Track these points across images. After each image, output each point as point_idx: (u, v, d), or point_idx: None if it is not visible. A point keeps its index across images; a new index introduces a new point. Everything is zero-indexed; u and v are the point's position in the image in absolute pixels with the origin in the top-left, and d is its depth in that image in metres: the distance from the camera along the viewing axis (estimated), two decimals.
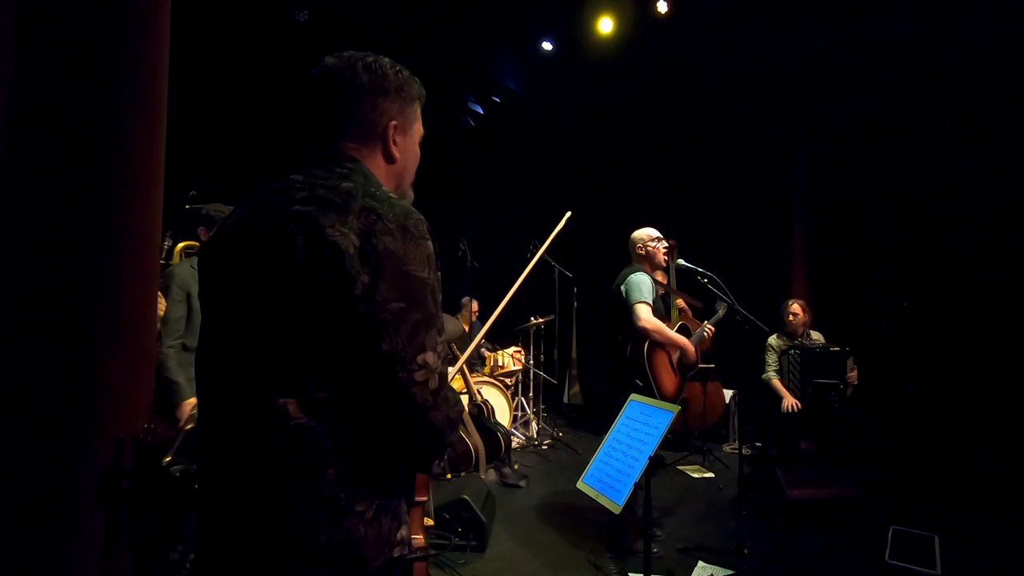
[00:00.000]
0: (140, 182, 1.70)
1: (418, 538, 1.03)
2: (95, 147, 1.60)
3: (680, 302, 3.45)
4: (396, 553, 0.90)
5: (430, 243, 0.88)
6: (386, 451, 0.89)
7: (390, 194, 0.91)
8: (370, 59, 0.99)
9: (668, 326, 3.22)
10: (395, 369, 0.83)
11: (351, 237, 0.81)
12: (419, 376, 0.84)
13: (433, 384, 0.86)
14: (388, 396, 0.84)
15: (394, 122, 1.00)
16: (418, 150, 1.09)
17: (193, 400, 2.38)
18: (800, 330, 4.33)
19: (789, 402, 4.10)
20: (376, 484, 0.88)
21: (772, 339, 4.39)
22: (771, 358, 4.38)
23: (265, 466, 0.83)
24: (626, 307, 3.05)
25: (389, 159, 1.01)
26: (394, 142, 1.01)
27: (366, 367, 0.83)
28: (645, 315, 3.00)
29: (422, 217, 0.89)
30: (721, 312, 3.35)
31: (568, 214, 2.97)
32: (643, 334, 3.01)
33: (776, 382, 4.28)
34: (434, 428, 0.87)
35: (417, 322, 0.84)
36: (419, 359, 0.84)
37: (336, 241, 0.81)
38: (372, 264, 0.81)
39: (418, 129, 1.07)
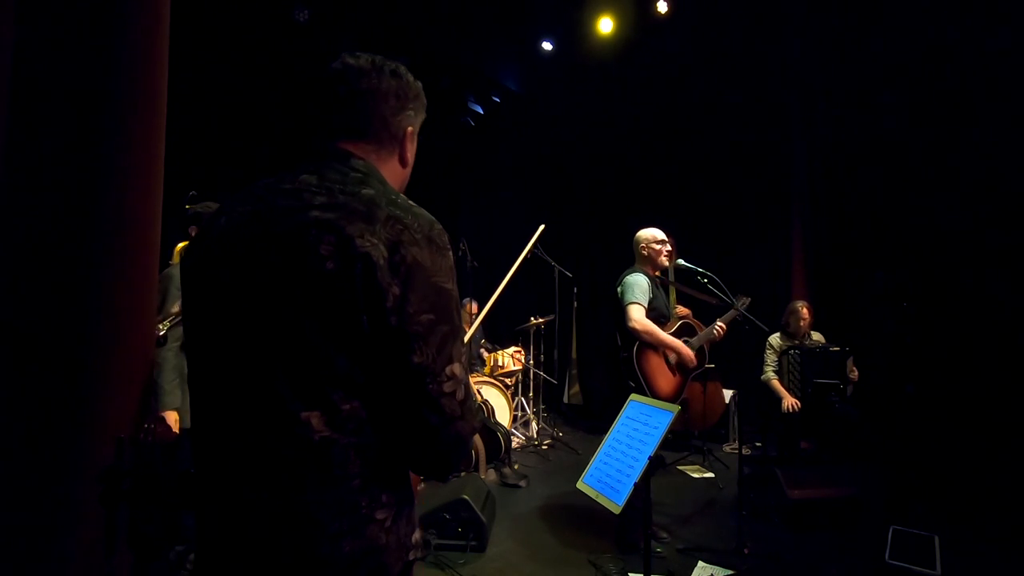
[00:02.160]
0: (140, 182, 1.70)
1: None
2: (95, 148, 1.60)
3: (680, 309, 3.46)
4: (411, 557, 0.91)
5: (451, 254, 0.89)
6: (408, 460, 0.89)
7: (409, 201, 0.90)
8: (393, 65, 1.00)
9: (668, 325, 3.22)
10: (425, 381, 0.82)
11: (381, 248, 0.80)
12: (447, 387, 0.84)
13: (460, 395, 0.86)
14: (416, 407, 0.83)
15: (411, 128, 1.02)
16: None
17: (174, 415, 2.37)
18: (803, 331, 4.34)
19: (789, 402, 4.10)
20: (394, 491, 0.88)
21: (773, 338, 4.39)
22: (771, 358, 4.37)
23: (288, 479, 0.81)
24: (621, 309, 3.06)
25: (404, 164, 1.03)
26: (407, 152, 1.03)
27: (394, 378, 0.82)
28: (636, 316, 3.01)
29: (442, 227, 0.89)
30: (735, 312, 3.27)
31: (542, 227, 3.00)
32: (633, 335, 3.02)
33: (775, 383, 4.28)
34: (460, 438, 0.87)
35: (445, 334, 0.84)
36: (447, 371, 0.84)
37: (368, 252, 0.79)
38: (402, 276, 0.80)
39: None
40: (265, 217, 0.86)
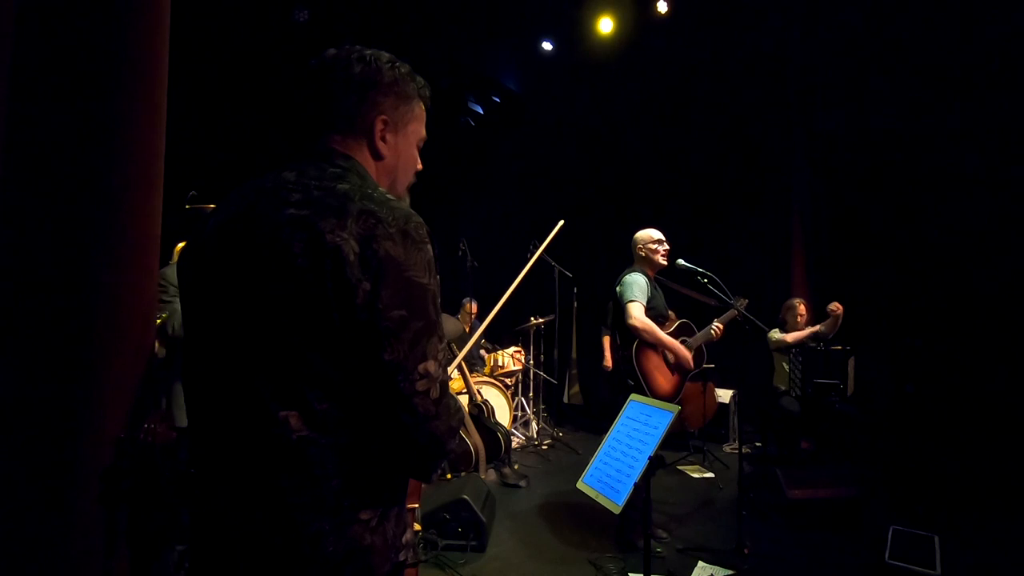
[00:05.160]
0: (140, 183, 1.70)
1: None
2: (94, 148, 1.60)
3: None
4: (402, 557, 0.90)
5: (430, 247, 0.86)
6: (389, 460, 0.87)
7: (388, 195, 0.88)
8: (367, 52, 0.96)
9: (667, 325, 3.22)
10: (397, 379, 0.81)
11: (351, 243, 0.78)
12: (420, 386, 0.82)
13: (435, 393, 0.84)
14: (389, 406, 0.82)
15: (383, 117, 0.96)
16: (415, 153, 1.04)
17: None
18: (800, 328, 4.35)
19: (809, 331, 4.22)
20: (380, 491, 0.87)
21: (773, 333, 4.40)
22: (774, 335, 4.39)
23: (268, 479, 0.81)
24: (621, 307, 3.07)
25: (375, 155, 0.97)
26: (382, 139, 0.97)
27: (367, 377, 0.81)
28: (636, 314, 3.02)
29: (421, 220, 0.86)
30: (733, 312, 3.27)
31: (561, 223, 3.01)
32: (633, 333, 3.03)
33: (778, 334, 4.34)
34: (435, 438, 0.85)
35: (418, 330, 0.82)
36: (420, 368, 0.82)
37: (339, 246, 0.78)
38: (373, 271, 0.79)
39: (416, 131, 1.03)
40: (247, 217, 0.86)
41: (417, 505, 1.86)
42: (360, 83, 0.94)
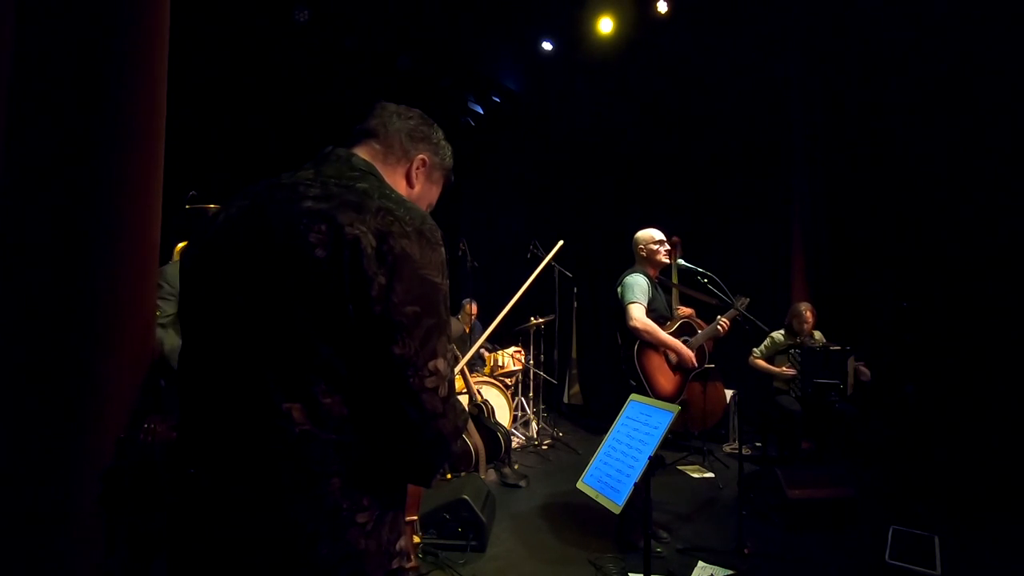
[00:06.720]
0: (139, 183, 1.70)
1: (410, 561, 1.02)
2: (94, 148, 1.60)
3: (682, 310, 3.46)
4: (395, 564, 0.89)
5: (443, 249, 0.89)
6: (391, 461, 0.87)
7: (403, 196, 0.91)
8: (432, 122, 1.11)
9: (668, 325, 3.22)
10: (406, 374, 0.81)
11: (369, 236, 0.80)
12: (430, 383, 0.83)
13: (443, 391, 0.85)
14: (397, 401, 0.82)
15: (423, 157, 1.07)
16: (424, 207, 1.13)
17: None
18: (806, 332, 4.35)
19: (783, 369, 4.28)
20: (378, 495, 0.86)
21: (776, 333, 4.41)
22: (764, 345, 4.40)
23: (266, 473, 0.80)
24: (622, 308, 3.07)
25: (409, 182, 1.07)
26: (416, 172, 1.06)
27: (376, 371, 0.82)
28: (636, 315, 3.02)
29: (435, 223, 0.89)
30: (734, 312, 3.23)
31: (560, 243, 3.06)
32: (634, 334, 3.03)
33: (759, 362, 4.38)
34: (441, 436, 0.86)
35: (430, 327, 0.84)
36: (430, 365, 0.83)
37: (358, 237, 0.80)
38: (389, 265, 0.80)
39: (436, 193, 1.14)
40: (260, 210, 0.87)
41: (416, 517, 1.85)
42: (420, 129, 1.07)
